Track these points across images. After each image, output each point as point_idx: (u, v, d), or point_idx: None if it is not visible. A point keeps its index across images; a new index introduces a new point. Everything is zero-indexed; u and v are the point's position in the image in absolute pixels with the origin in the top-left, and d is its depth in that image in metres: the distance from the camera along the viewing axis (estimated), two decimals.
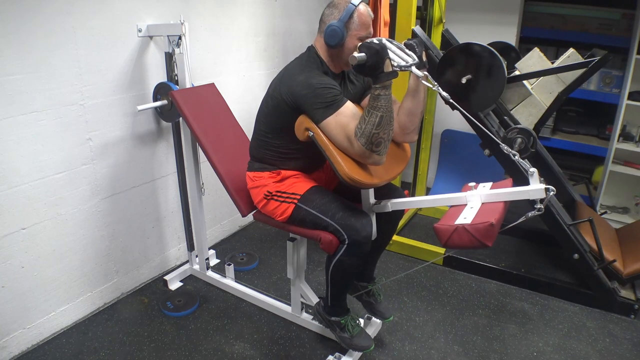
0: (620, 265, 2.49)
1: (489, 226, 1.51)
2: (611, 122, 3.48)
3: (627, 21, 3.49)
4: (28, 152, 2.01)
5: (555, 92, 2.61)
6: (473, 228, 1.53)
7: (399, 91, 2.75)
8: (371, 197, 1.91)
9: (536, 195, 1.60)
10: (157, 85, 2.46)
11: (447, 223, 1.61)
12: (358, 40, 1.73)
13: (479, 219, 1.56)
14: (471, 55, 2.35)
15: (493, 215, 1.57)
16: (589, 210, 2.93)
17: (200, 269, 2.75)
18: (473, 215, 1.61)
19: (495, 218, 1.54)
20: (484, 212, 1.63)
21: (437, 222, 1.65)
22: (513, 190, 1.67)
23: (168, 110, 2.46)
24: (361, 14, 1.71)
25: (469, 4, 3.61)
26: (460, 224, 1.56)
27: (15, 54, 1.87)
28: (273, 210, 1.91)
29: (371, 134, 1.60)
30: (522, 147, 2.35)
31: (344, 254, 1.76)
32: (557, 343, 2.31)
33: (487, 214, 1.59)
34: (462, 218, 1.60)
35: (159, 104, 2.43)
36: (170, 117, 2.50)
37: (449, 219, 1.65)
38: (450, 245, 1.59)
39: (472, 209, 1.67)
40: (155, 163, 2.63)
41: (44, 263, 2.17)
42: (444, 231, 1.59)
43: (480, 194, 1.71)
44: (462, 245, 1.58)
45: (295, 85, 1.70)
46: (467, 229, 1.53)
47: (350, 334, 1.99)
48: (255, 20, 3.11)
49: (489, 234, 1.52)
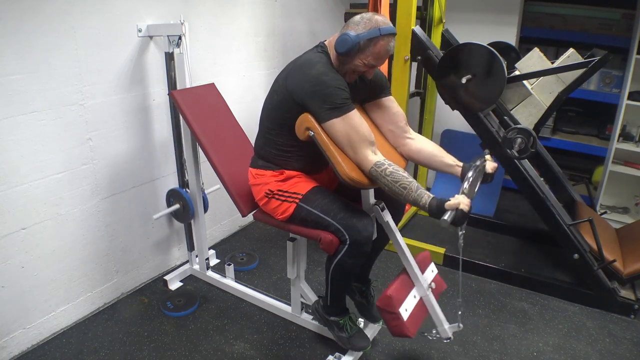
0: (620, 265, 2.49)
1: (406, 336, 1.88)
2: (611, 122, 3.48)
3: (627, 21, 3.49)
4: (28, 152, 2.01)
5: (555, 92, 2.61)
6: (402, 325, 1.86)
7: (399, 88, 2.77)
8: (371, 197, 1.91)
9: (443, 333, 1.99)
10: (169, 191, 2.64)
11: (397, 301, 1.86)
12: (363, 64, 1.71)
13: (409, 322, 1.87)
14: (471, 55, 2.35)
15: (416, 325, 1.93)
16: (589, 210, 2.93)
17: (200, 269, 2.75)
18: (411, 309, 1.91)
19: (415, 331, 1.91)
20: (416, 313, 1.93)
21: (392, 289, 1.86)
22: (439, 313, 2.00)
23: (181, 213, 2.63)
24: (380, 45, 1.68)
25: (469, 4, 3.61)
26: (401, 314, 1.85)
27: (15, 54, 1.87)
28: (274, 209, 1.90)
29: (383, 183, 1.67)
30: (522, 147, 2.35)
31: (345, 254, 1.76)
32: (557, 343, 2.31)
33: (415, 320, 1.92)
34: (404, 308, 1.88)
35: (172, 209, 2.61)
36: (184, 218, 2.65)
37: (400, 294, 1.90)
38: (381, 311, 1.88)
39: (414, 299, 1.95)
40: (155, 163, 2.63)
41: (44, 263, 2.17)
42: (390, 306, 1.84)
43: (425, 292, 1.98)
44: (385, 319, 1.90)
45: (305, 80, 1.66)
46: (399, 321, 1.85)
47: (348, 333, 1.99)
48: (255, 20, 3.11)
49: (400, 336, 1.89)
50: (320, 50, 1.78)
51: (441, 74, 2.49)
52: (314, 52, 1.78)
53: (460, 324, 1.95)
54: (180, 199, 2.59)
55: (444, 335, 1.99)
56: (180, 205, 2.60)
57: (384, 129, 1.96)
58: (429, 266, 2.09)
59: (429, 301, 1.98)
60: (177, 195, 2.60)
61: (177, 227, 2.85)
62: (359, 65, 1.72)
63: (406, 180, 1.65)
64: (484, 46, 2.34)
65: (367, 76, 1.80)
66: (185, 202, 2.56)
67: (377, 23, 1.67)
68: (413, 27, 2.67)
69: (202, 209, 2.60)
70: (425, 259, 2.08)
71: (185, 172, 2.59)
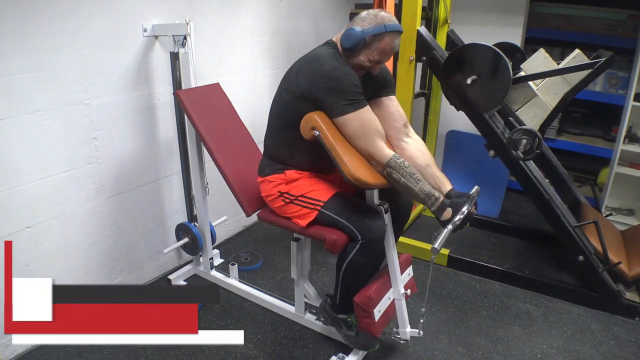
0: (625, 268, 2.48)
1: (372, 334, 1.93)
2: (617, 123, 3.46)
3: (633, 22, 3.47)
4: (33, 151, 2.02)
5: (561, 93, 2.60)
6: (372, 325, 1.90)
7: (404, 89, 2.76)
8: (375, 198, 1.90)
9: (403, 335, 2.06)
10: (178, 225, 2.70)
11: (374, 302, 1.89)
12: (368, 60, 1.71)
13: (379, 323, 1.93)
14: (476, 56, 2.35)
15: (384, 324, 1.99)
16: (594, 212, 2.91)
17: (204, 269, 2.74)
18: (383, 310, 1.95)
19: (381, 330, 1.96)
20: (386, 315, 1.98)
21: (372, 290, 1.89)
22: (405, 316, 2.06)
23: (190, 246, 2.68)
24: (385, 42, 1.69)
25: (474, 4, 3.60)
26: (374, 314, 1.89)
27: (20, 53, 1.88)
28: (293, 213, 1.88)
29: (401, 174, 1.68)
30: (527, 148, 2.34)
31: (357, 253, 1.77)
32: (562, 345, 2.30)
33: (383, 322, 1.97)
34: (378, 310, 1.91)
35: (182, 243, 2.67)
36: (192, 251, 2.71)
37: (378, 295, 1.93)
38: (355, 306, 1.91)
39: (387, 301, 1.99)
40: (159, 162, 2.64)
41: (49, 262, 2.18)
42: (366, 306, 1.88)
43: (398, 296, 2.03)
44: (357, 315, 1.93)
45: (319, 76, 1.66)
46: (371, 320, 1.90)
47: (355, 332, 1.98)
48: (260, 21, 3.12)
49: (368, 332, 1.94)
50: (329, 47, 1.78)
51: (446, 74, 2.48)
52: (323, 48, 1.78)
53: (420, 332, 1.99)
54: (189, 233, 2.65)
55: (403, 336, 2.06)
56: (189, 238, 2.66)
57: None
58: (407, 269, 2.12)
59: (400, 304, 2.04)
60: (186, 230, 2.66)
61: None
62: (364, 61, 1.72)
63: (419, 174, 1.71)
64: (489, 47, 2.33)
65: (372, 72, 1.80)
66: (194, 235, 2.62)
67: (383, 19, 1.68)
68: (418, 27, 2.66)
69: (210, 242, 2.65)
70: (406, 261, 2.12)
71: (193, 206, 2.67)
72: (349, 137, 1.71)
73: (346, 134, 1.70)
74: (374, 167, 1.74)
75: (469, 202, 1.72)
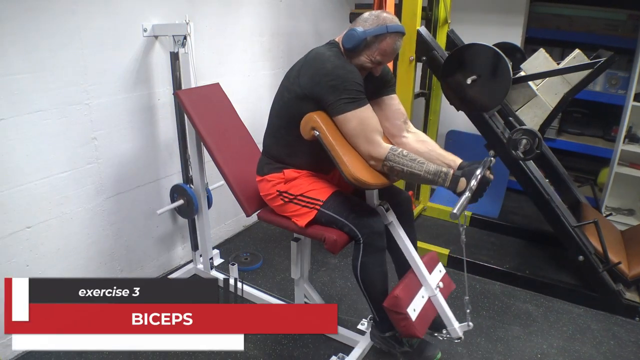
0: (625, 268, 2.48)
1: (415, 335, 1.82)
2: (617, 123, 3.46)
3: (633, 22, 3.48)
4: (33, 151, 2.02)
5: (561, 93, 2.60)
6: (411, 326, 1.81)
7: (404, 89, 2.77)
8: (375, 198, 1.90)
9: (453, 333, 1.93)
10: (173, 187, 2.62)
11: (404, 301, 1.81)
12: (369, 61, 1.72)
13: (418, 322, 1.82)
14: (476, 56, 2.34)
15: (425, 325, 1.88)
16: (594, 212, 2.91)
17: (204, 269, 2.75)
18: (419, 309, 1.86)
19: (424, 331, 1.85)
20: (424, 313, 1.88)
21: (399, 289, 1.82)
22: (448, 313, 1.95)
23: (185, 208, 2.61)
24: (387, 43, 1.69)
25: (474, 4, 3.60)
26: (409, 314, 1.80)
27: (20, 53, 1.88)
28: (292, 212, 1.88)
29: (402, 166, 1.67)
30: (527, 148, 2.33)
31: (363, 255, 1.78)
32: (562, 345, 2.30)
33: (423, 320, 1.87)
34: (412, 308, 1.83)
35: (176, 205, 2.59)
36: (188, 213, 2.63)
37: (407, 294, 1.85)
38: (388, 311, 1.83)
39: (422, 299, 1.90)
40: (160, 162, 2.64)
41: (49, 262, 2.18)
42: (397, 307, 1.80)
43: (433, 292, 1.94)
44: (393, 320, 1.83)
45: (321, 74, 1.66)
46: (408, 321, 1.80)
47: (409, 346, 1.94)
48: (260, 21, 3.11)
49: (409, 336, 1.86)
50: (331, 46, 1.78)
51: (446, 74, 2.48)
52: (325, 47, 1.78)
53: (469, 323, 1.90)
54: (184, 195, 2.58)
55: (454, 335, 1.93)
56: (184, 201, 2.59)
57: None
58: (437, 266, 2.05)
59: (437, 301, 1.94)
60: (181, 191, 2.59)
61: (182, 227, 2.86)
62: (366, 62, 1.73)
63: (421, 158, 1.69)
64: (489, 47, 2.33)
65: (374, 73, 1.81)
66: (190, 197, 2.55)
67: (384, 20, 1.69)
68: (418, 27, 2.66)
69: (206, 205, 2.60)
70: (433, 260, 2.05)
71: (189, 167, 2.58)
72: (348, 136, 1.71)
73: (345, 133, 1.70)
74: (374, 166, 1.74)
75: (482, 167, 1.68)
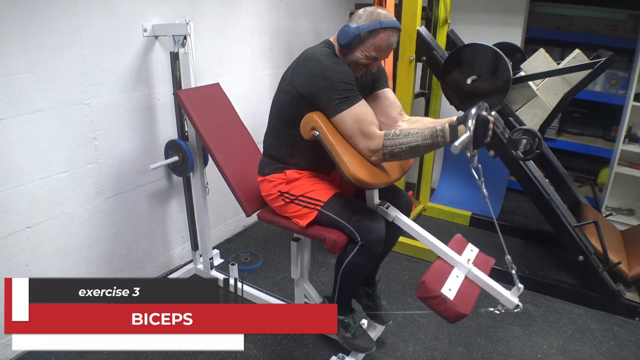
0: (625, 268, 2.48)
1: (461, 315, 1.65)
2: (617, 123, 3.47)
3: (633, 22, 3.48)
4: (33, 151, 2.01)
5: (561, 93, 2.60)
6: (451, 306, 1.65)
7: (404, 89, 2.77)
8: (376, 198, 1.90)
9: (507, 303, 1.77)
10: (168, 142, 2.53)
11: (435, 284, 1.68)
12: (364, 57, 1.71)
13: (458, 300, 1.67)
14: (476, 56, 2.35)
15: (469, 302, 1.71)
16: (594, 212, 2.92)
17: (204, 269, 2.75)
18: (456, 289, 1.72)
19: (470, 308, 1.68)
20: (464, 291, 1.74)
21: (426, 275, 1.71)
22: (492, 284, 1.81)
23: (180, 165, 2.52)
24: (381, 38, 1.68)
25: (474, 4, 3.60)
26: (445, 294, 1.66)
27: (21, 53, 1.88)
28: (293, 213, 1.88)
29: (400, 146, 1.64)
30: (527, 148, 2.34)
31: (357, 255, 1.77)
32: (561, 345, 2.30)
33: (466, 298, 1.71)
34: (447, 289, 1.70)
35: (170, 161, 2.50)
36: (182, 171, 2.55)
37: (437, 277, 1.73)
38: (424, 301, 1.69)
39: (457, 279, 1.78)
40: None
41: (49, 261, 2.18)
42: (429, 291, 1.67)
43: (467, 269, 1.81)
44: (433, 308, 1.69)
45: (312, 76, 1.66)
46: (447, 303, 1.65)
47: (352, 333, 1.98)
48: (260, 20, 3.11)
49: (457, 318, 1.67)
50: (324, 46, 1.78)
51: (446, 74, 2.48)
52: (318, 47, 1.78)
53: (519, 285, 1.75)
54: (179, 151, 2.48)
55: (509, 305, 1.77)
56: (179, 157, 2.49)
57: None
58: (467, 246, 1.95)
59: (476, 277, 1.81)
60: (176, 147, 2.48)
61: (182, 227, 2.86)
62: (360, 58, 1.72)
63: (415, 129, 1.66)
64: (489, 47, 2.33)
65: (371, 70, 1.80)
66: (185, 154, 2.46)
67: (378, 16, 1.68)
68: (418, 27, 2.66)
69: (201, 162, 2.54)
70: (460, 242, 1.95)
71: (184, 123, 2.47)
72: (345, 135, 1.70)
73: (343, 133, 1.70)
74: (376, 161, 1.72)
75: (477, 107, 1.64)
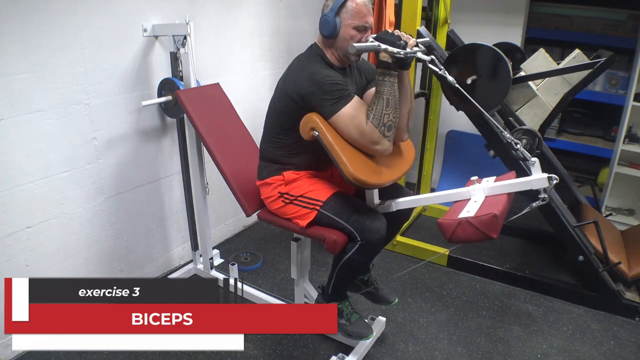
0: (625, 268, 2.48)
1: (493, 217, 1.51)
2: (617, 123, 3.46)
3: (633, 22, 3.48)
4: (33, 151, 2.02)
5: (561, 93, 2.60)
6: (477, 220, 1.53)
7: None
8: (376, 197, 1.90)
9: (539, 184, 1.60)
10: (162, 81, 2.46)
11: (451, 218, 1.61)
12: (353, 30, 1.73)
13: (482, 212, 1.56)
14: (476, 56, 2.35)
15: (496, 207, 1.56)
16: (594, 211, 2.92)
17: (204, 269, 2.75)
18: (477, 208, 1.61)
19: (499, 210, 1.53)
20: (487, 205, 1.62)
21: (441, 218, 1.67)
22: (516, 181, 1.67)
23: (173, 106, 2.44)
24: (355, 3, 1.71)
25: (474, 4, 3.60)
26: (464, 217, 1.55)
27: (21, 53, 1.88)
28: (293, 214, 1.88)
29: (382, 115, 1.66)
30: (527, 149, 2.34)
31: (356, 252, 1.77)
32: (562, 345, 2.30)
33: (491, 206, 1.58)
34: (466, 212, 1.59)
35: (163, 100, 2.43)
36: (175, 113, 2.48)
37: (453, 213, 1.65)
38: (455, 239, 1.59)
39: (476, 203, 1.67)
40: (159, 162, 2.64)
41: (49, 261, 2.18)
42: (448, 226, 1.59)
43: (483, 188, 1.72)
44: (467, 239, 1.57)
45: (300, 83, 1.69)
46: (470, 222, 1.54)
47: (347, 320, 1.98)
48: (260, 20, 3.12)
49: (493, 226, 1.52)
50: (310, 50, 1.82)
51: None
52: (304, 54, 1.83)
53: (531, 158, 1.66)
54: (173, 90, 2.36)
55: (542, 183, 1.64)
56: (172, 97, 2.38)
57: None
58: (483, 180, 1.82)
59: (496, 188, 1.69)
60: (171, 86, 2.38)
61: (182, 227, 2.86)
62: (351, 34, 1.73)
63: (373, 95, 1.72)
64: (489, 47, 2.33)
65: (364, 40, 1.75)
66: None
67: None
68: (418, 27, 2.66)
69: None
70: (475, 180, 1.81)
71: (179, 63, 2.38)
72: (344, 135, 1.71)
73: (341, 133, 1.70)
74: (384, 150, 1.72)
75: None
